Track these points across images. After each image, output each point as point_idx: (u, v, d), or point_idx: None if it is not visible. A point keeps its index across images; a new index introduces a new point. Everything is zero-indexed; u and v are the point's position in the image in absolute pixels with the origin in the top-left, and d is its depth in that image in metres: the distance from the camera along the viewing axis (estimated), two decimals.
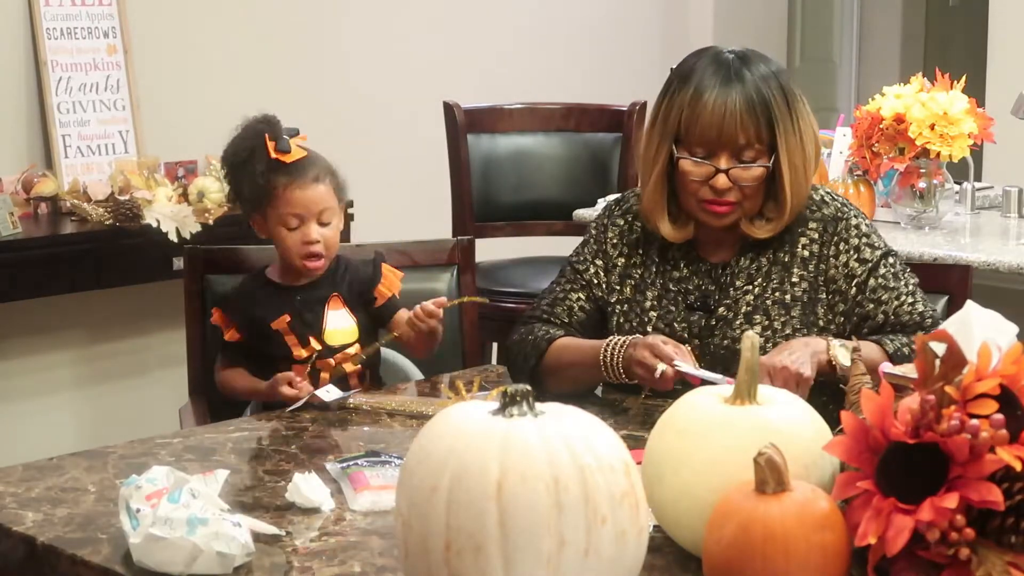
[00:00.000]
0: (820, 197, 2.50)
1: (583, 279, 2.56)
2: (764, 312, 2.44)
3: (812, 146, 2.44)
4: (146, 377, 4.45)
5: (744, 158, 2.39)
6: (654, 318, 2.49)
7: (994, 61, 5.29)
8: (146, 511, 1.76)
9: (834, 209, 2.48)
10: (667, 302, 2.49)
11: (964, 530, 1.53)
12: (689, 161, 2.40)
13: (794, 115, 2.40)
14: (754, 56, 2.43)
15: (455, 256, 3.12)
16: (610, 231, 2.57)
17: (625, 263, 2.54)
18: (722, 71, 2.39)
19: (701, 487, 1.72)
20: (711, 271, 2.49)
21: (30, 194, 4.01)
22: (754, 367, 1.79)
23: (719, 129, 2.36)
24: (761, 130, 2.37)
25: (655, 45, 5.96)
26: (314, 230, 2.73)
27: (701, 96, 2.37)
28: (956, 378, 1.62)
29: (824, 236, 2.47)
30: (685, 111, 2.39)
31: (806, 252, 2.47)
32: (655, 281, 2.51)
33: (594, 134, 4.63)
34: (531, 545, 1.50)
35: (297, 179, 2.72)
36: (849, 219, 2.48)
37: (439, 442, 1.57)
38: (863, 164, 3.88)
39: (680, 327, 2.47)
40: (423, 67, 5.15)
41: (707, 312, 2.46)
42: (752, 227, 2.44)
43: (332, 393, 2.51)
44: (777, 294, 2.45)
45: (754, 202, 2.42)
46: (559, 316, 2.55)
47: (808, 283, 2.45)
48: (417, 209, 4.61)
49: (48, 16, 4.12)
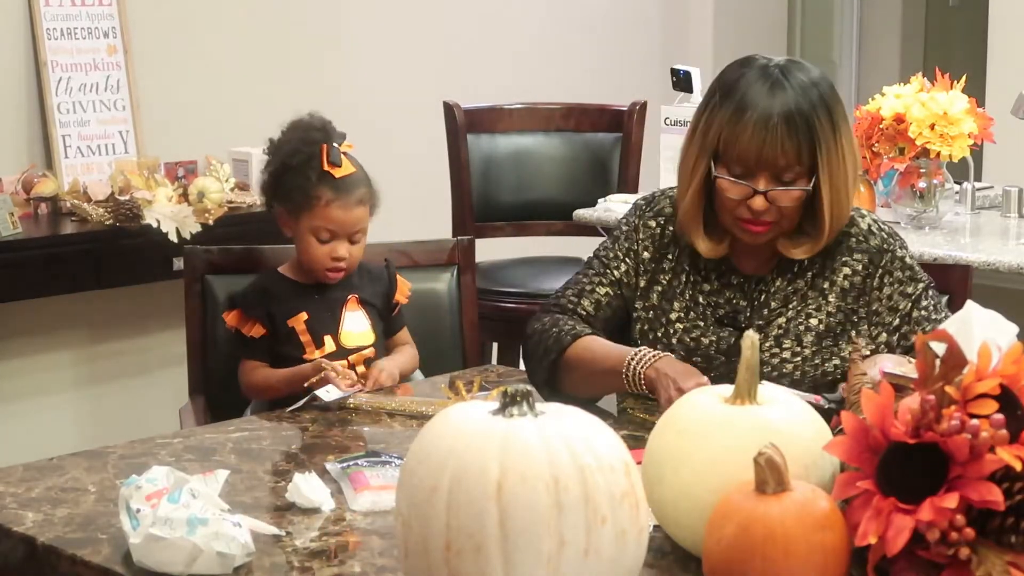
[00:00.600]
0: (867, 227, 2.43)
1: (612, 275, 2.48)
2: (796, 338, 2.39)
3: (853, 165, 2.35)
4: (146, 377, 4.45)
5: (784, 179, 2.31)
6: (679, 330, 2.43)
7: (994, 61, 5.28)
8: (146, 511, 1.76)
9: (880, 240, 2.42)
10: (695, 315, 2.43)
11: (964, 530, 1.53)
12: (727, 181, 2.32)
13: (837, 135, 2.32)
14: (798, 68, 2.34)
15: (455, 256, 3.12)
16: (642, 232, 2.48)
17: (656, 268, 2.47)
18: (765, 88, 2.30)
19: (701, 487, 1.72)
20: (744, 285, 2.42)
21: (30, 194, 4.01)
22: (754, 367, 1.79)
23: (759, 151, 2.28)
24: (802, 152, 2.29)
25: (655, 45, 5.96)
26: (343, 248, 2.75)
27: (742, 115, 2.29)
28: (956, 378, 1.62)
29: (869, 268, 2.41)
30: (725, 130, 2.31)
31: (847, 283, 2.41)
32: (683, 292, 2.44)
33: (594, 134, 4.63)
34: (531, 545, 1.50)
35: (342, 197, 2.74)
36: (895, 251, 2.42)
37: (439, 442, 1.57)
38: (863, 164, 3.88)
39: (707, 342, 2.41)
40: (423, 67, 5.15)
41: (736, 328, 2.39)
42: (789, 247, 2.38)
43: (332, 393, 2.51)
44: (812, 321, 2.39)
45: (792, 221, 2.35)
46: (585, 308, 2.48)
47: (844, 314, 2.40)
48: (417, 209, 4.61)
49: (48, 16, 4.12)
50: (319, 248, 2.75)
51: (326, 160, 2.75)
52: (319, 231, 2.75)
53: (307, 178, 2.74)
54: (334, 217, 2.74)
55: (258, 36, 4.66)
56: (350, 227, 2.76)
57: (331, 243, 2.75)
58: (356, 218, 2.76)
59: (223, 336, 2.96)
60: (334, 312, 2.76)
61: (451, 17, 5.28)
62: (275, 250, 2.99)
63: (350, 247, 2.76)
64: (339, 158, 2.76)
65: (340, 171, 2.75)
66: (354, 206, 2.75)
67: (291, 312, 2.75)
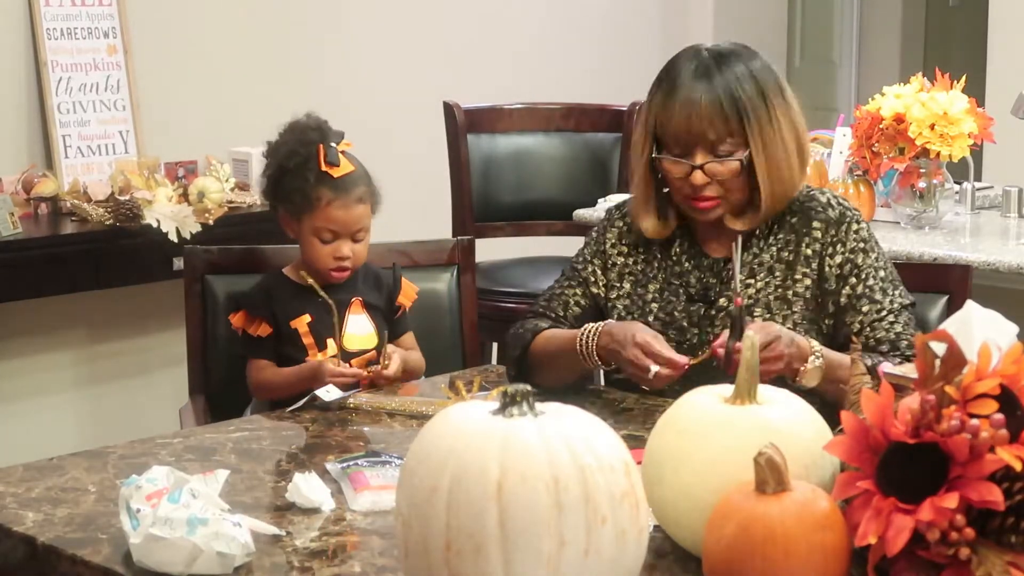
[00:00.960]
0: (827, 199, 2.53)
1: (580, 276, 2.62)
2: (766, 306, 2.47)
3: (793, 137, 2.45)
4: (146, 377, 4.45)
5: (719, 152, 2.42)
6: (655, 309, 2.53)
7: (994, 61, 5.29)
8: (146, 511, 1.76)
9: (839, 212, 2.51)
10: (668, 294, 2.53)
11: (964, 530, 1.53)
12: (667, 160, 2.45)
13: (770, 106, 2.43)
14: (731, 52, 2.46)
15: (455, 256, 3.12)
16: (609, 232, 2.62)
17: (624, 262, 2.59)
18: (693, 70, 2.43)
19: (701, 487, 1.72)
20: (712, 265, 2.53)
21: (30, 194, 4.01)
22: (754, 367, 1.79)
23: (687, 126, 2.41)
24: (731, 124, 2.40)
25: (655, 45, 5.96)
26: (346, 247, 2.75)
27: (671, 96, 2.43)
28: (956, 378, 1.62)
29: (825, 236, 2.49)
30: (659, 112, 2.45)
31: (809, 251, 2.49)
32: (657, 276, 2.55)
33: (594, 134, 4.63)
34: (531, 545, 1.50)
35: (341, 197, 2.75)
36: (851, 223, 2.50)
37: (439, 442, 1.57)
38: (863, 164, 3.88)
39: (680, 315, 2.51)
40: (423, 67, 5.15)
41: (706, 303, 2.50)
42: (732, 220, 2.48)
43: (332, 393, 2.52)
44: (780, 290, 2.48)
45: (738, 195, 2.46)
46: (554, 310, 2.61)
47: (811, 280, 2.48)
48: (417, 209, 4.60)
49: (48, 16, 4.12)
50: (322, 248, 2.75)
51: (323, 160, 2.74)
52: (321, 232, 2.75)
53: (305, 179, 2.74)
54: (335, 217, 2.74)
55: (258, 36, 4.66)
56: (352, 226, 2.76)
57: (334, 243, 2.75)
58: (357, 216, 2.76)
59: (223, 336, 2.96)
60: (337, 315, 2.76)
61: (451, 17, 5.28)
62: (275, 250, 2.99)
63: (353, 246, 2.77)
64: (336, 157, 2.76)
65: (338, 171, 2.75)
66: (354, 204, 2.75)
67: (294, 314, 2.75)
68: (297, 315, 2.75)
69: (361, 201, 2.77)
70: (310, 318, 2.75)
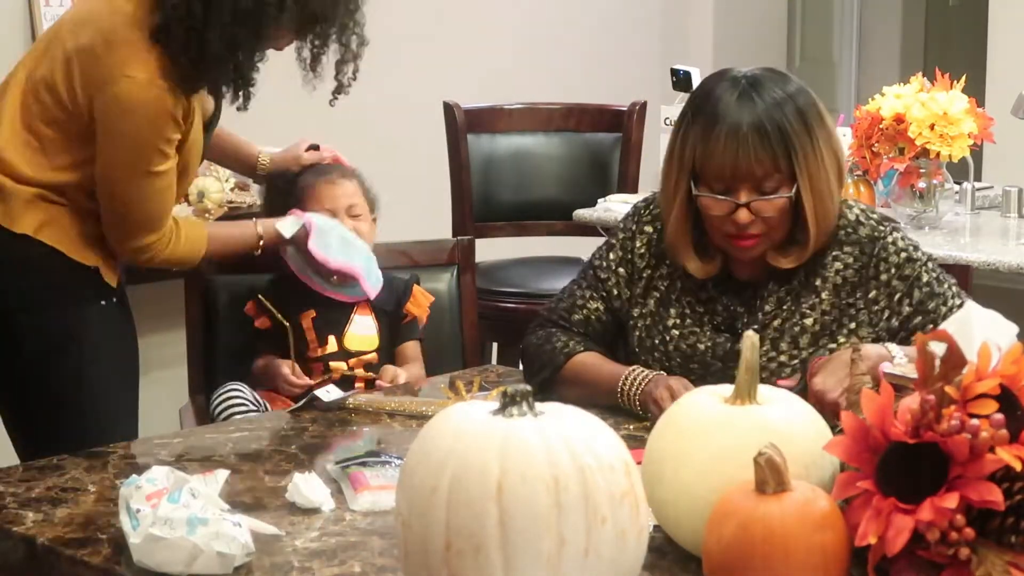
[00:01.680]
0: (856, 217, 2.41)
1: (604, 288, 2.48)
2: (792, 340, 2.37)
3: (835, 167, 2.33)
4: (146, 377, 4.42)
5: (765, 189, 2.29)
6: (676, 337, 2.41)
7: (994, 61, 5.29)
8: (146, 511, 1.76)
9: (870, 229, 2.39)
10: (691, 321, 2.41)
11: (964, 530, 1.53)
12: (708, 198, 2.31)
13: (814, 138, 2.29)
14: (768, 79, 2.32)
15: (455, 256, 3.12)
16: (638, 240, 2.47)
17: (651, 275, 2.45)
18: (733, 101, 2.28)
19: (701, 487, 1.72)
20: (740, 291, 2.41)
21: None
22: (754, 367, 1.79)
23: (734, 164, 2.27)
24: (778, 159, 2.27)
25: (655, 45, 5.96)
26: (345, 222, 2.79)
27: (713, 129, 2.28)
28: (956, 378, 1.62)
29: (861, 259, 2.38)
30: (699, 147, 2.30)
31: (839, 279, 2.38)
32: (680, 298, 2.42)
33: (594, 134, 4.63)
34: (531, 545, 1.50)
35: (324, 176, 2.85)
36: (886, 237, 2.39)
37: (439, 442, 1.57)
38: (863, 164, 3.88)
39: (704, 348, 2.40)
40: (423, 67, 5.15)
41: (733, 334, 2.37)
42: (778, 258, 2.36)
43: (332, 393, 2.52)
44: (806, 321, 2.37)
45: (780, 231, 2.33)
46: (575, 324, 2.48)
47: (839, 310, 2.37)
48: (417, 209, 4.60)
49: (48, 16, 4.11)
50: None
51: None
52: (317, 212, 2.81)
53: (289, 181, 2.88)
54: (322, 194, 2.83)
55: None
56: (343, 199, 2.83)
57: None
58: (345, 191, 2.84)
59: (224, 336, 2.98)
60: (343, 314, 2.79)
61: (451, 17, 5.28)
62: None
63: (353, 223, 2.81)
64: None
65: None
66: (338, 179, 2.86)
67: (301, 308, 2.79)
68: (304, 310, 2.79)
69: (345, 176, 2.86)
70: (315, 314, 2.79)
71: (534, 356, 2.47)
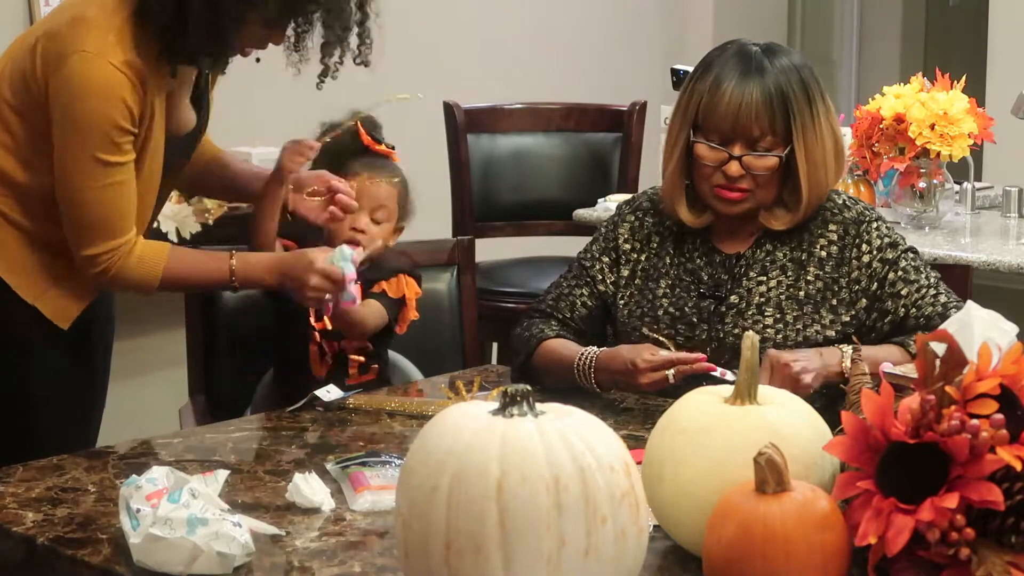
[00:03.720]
0: (842, 201, 2.53)
1: (588, 275, 2.59)
2: (777, 306, 2.47)
3: (832, 143, 2.46)
4: (146, 377, 4.44)
5: (758, 148, 2.42)
6: (665, 304, 2.51)
7: (994, 61, 5.28)
8: (146, 511, 1.76)
9: (856, 213, 2.52)
10: (679, 289, 2.52)
11: (964, 530, 1.53)
12: (704, 146, 2.44)
13: (815, 110, 2.44)
14: (779, 49, 2.47)
15: (455, 256, 3.12)
16: (621, 228, 2.60)
17: (636, 257, 2.58)
18: (743, 62, 2.43)
19: (701, 487, 1.72)
20: (725, 261, 2.52)
21: None
22: (754, 367, 1.79)
23: (734, 118, 2.41)
24: (776, 122, 2.41)
25: (655, 45, 5.96)
26: (363, 220, 2.78)
27: (720, 86, 2.42)
28: (956, 378, 1.62)
29: (846, 239, 2.49)
30: (704, 99, 2.44)
31: (824, 253, 2.49)
32: (668, 271, 2.54)
33: (594, 134, 4.63)
34: (531, 545, 1.50)
35: (371, 170, 2.83)
36: (871, 221, 2.51)
37: (439, 442, 1.57)
38: (863, 164, 3.88)
39: (690, 311, 2.49)
40: (423, 67, 5.14)
41: (716, 299, 2.49)
42: (770, 217, 2.48)
43: (332, 393, 2.52)
44: (791, 289, 2.48)
45: (767, 192, 2.46)
46: (561, 311, 2.59)
47: (823, 283, 2.48)
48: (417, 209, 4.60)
49: None
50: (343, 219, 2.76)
51: (366, 134, 2.81)
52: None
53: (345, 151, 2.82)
54: (357, 188, 2.77)
55: None
56: (373, 200, 2.79)
57: (354, 215, 2.76)
58: (381, 192, 2.81)
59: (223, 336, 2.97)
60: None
61: (451, 17, 5.28)
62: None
63: (370, 223, 2.78)
64: (380, 136, 2.83)
65: (379, 147, 2.84)
66: (382, 181, 2.81)
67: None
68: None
69: (389, 183, 2.81)
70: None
71: (514, 344, 2.59)
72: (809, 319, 2.46)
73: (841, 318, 2.46)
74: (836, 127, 2.49)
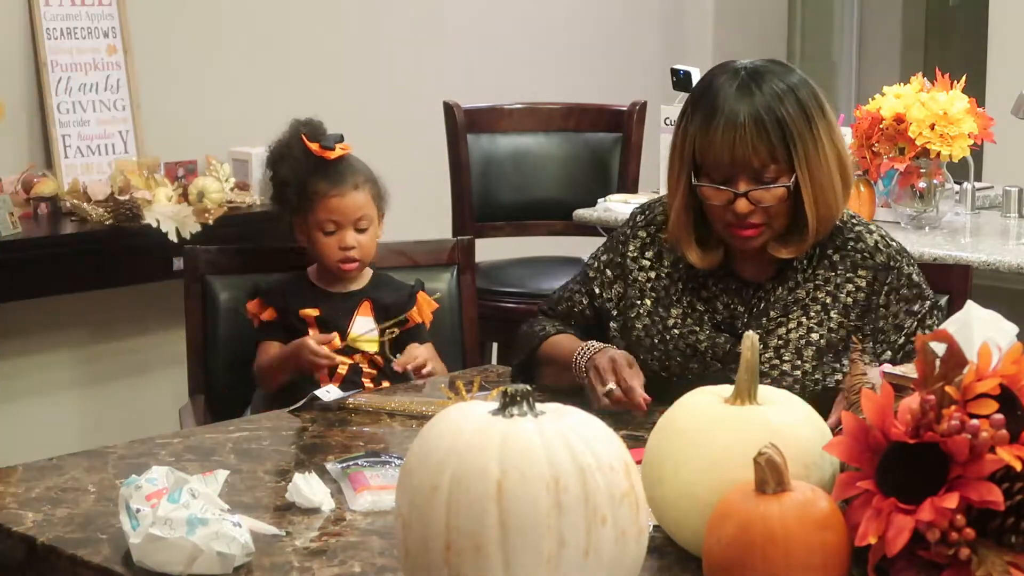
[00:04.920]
0: (874, 243, 2.41)
1: (589, 285, 2.53)
2: (796, 352, 2.37)
3: (836, 157, 2.33)
4: (146, 377, 4.45)
5: (764, 179, 2.30)
6: (676, 336, 2.42)
7: (994, 61, 5.28)
8: (146, 511, 1.76)
9: (886, 257, 2.39)
10: (692, 320, 2.42)
11: (964, 530, 1.53)
12: (708, 188, 2.32)
13: (815, 129, 2.30)
14: (769, 71, 2.33)
15: (455, 256, 3.12)
16: (631, 244, 2.49)
17: (647, 276, 2.47)
18: (731, 92, 2.29)
19: (701, 487, 1.72)
20: (742, 291, 2.41)
21: (30, 194, 4.00)
22: (754, 367, 1.79)
23: (731, 154, 2.28)
24: (776, 150, 2.28)
25: (655, 45, 5.96)
26: (350, 236, 2.80)
27: (710, 122, 2.29)
28: (956, 378, 1.62)
29: (874, 285, 2.38)
30: (698, 138, 2.31)
31: (850, 300, 2.38)
32: (681, 298, 2.43)
33: (594, 134, 4.63)
34: (531, 545, 1.50)
35: (337, 186, 2.81)
36: (901, 268, 2.39)
37: (439, 442, 1.57)
38: (863, 164, 3.88)
39: (704, 346, 2.40)
40: (423, 67, 5.15)
41: (733, 334, 2.37)
42: (777, 247, 2.36)
43: (332, 393, 2.52)
44: (813, 335, 2.37)
45: (781, 221, 2.33)
46: (561, 314, 2.56)
47: (847, 331, 2.37)
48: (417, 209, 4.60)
49: (48, 16, 4.12)
50: (327, 240, 2.81)
51: (316, 146, 2.78)
52: (323, 224, 2.80)
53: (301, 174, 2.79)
54: (333, 206, 2.79)
55: (258, 36, 4.66)
56: (352, 214, 2.80)
57: (337, 233, 2.79)
58: (355, 204, 2.80)
59: (223, 336, 2.97)
60: (346, 314, 2.80)
61: (451, 17, 5.28)
62: (275, 250, 3.00)
63: (358, 236, 2.80)
64: (330, 142, 2.80)
65: (332, 154, 2.79)
66: (350, 192, 2.81)
67: (305, 305, 2.81)
68: (308, 307, 2.83)
69: (357, 189, 2.81)
70: (319, 312, 2.80)
71: (518, 341, 2.56)
72: (829, 368, 2.36)
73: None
74: (840, 145, 2.35)
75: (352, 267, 2.81)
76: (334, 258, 2.80)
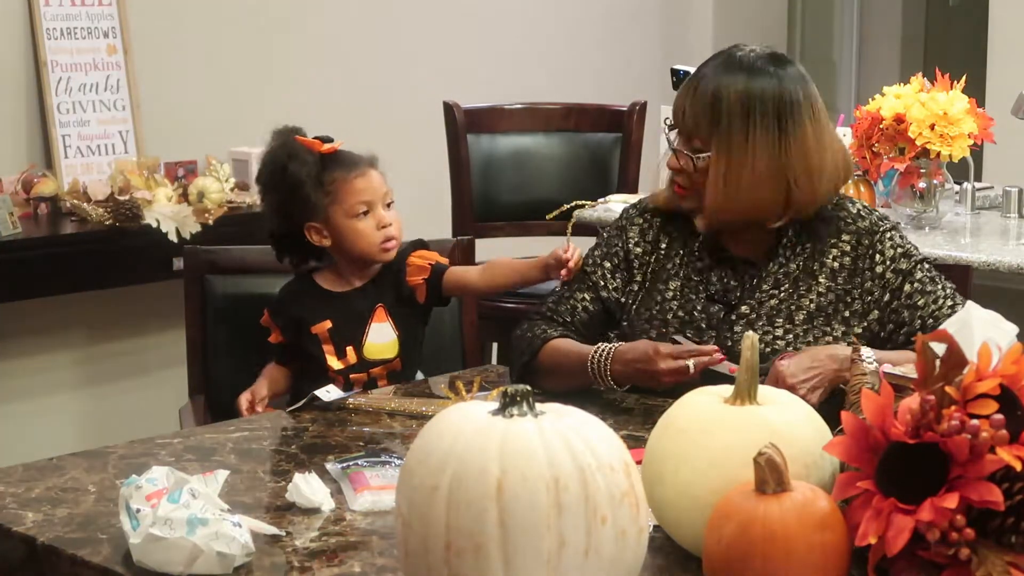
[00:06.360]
0: (857, 210, 2.50)
1: (590, 280, 2.57)
2: (788, 317, 2.43)
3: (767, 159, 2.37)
4: (146, 377, 4.45)
5: (690, 146, 2.43)
6: (675, 307, 2.49)
7: (994, 61, 5.29)
8: (146, 511, 1.76)
9: (869, 223, 2.48)
10: (688, 290, 2.50)
11: (964, 530, 1.53)
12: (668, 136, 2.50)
13: (750, 130, 2.37)
14: (759, 70, 2.42)
15: (455, 256, 3.12)
16: (630, 231, 2.58)
17: (647, 259, 2.55)
18: (713, 63, 2.44)
19: (701, 487, 1.72)
20: (735, 265, 2.49)
21: (30, 194, 4.01)
22: (754, 367, 1.79)
23: (677, 112, 2.45)
24: (701, 123, 2.40)
25: (655, 45, 5.96)
26: (386, 215, 2.72)
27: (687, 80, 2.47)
28: (956, 378, 1.62)
29: (859, 249, 2.46)
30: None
31: (836, 264, 2.46)
32: (678, 272, 2.52)
33: (594, 134, 4.63)
34: (531, 545, 1.50)
35: (353, 169, 2.71)
36: (884, 231, 2.47)
37: (439, 442, 1.57)
38: (863, 164, 3.88)
39: (699, 316, 2.47)
40: (423, 67, 5.15)
41: (726, 305, 2.46)
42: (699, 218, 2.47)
43: (332, 393, 2.52)
44: (803, 301, 2.44)
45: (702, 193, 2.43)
46: (561, 315, 2.56)
47: (835, 295, 2.45)
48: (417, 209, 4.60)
49: (48, 16, 4.12)
50: (363, 225, 2.70)
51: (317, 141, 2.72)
52: (354, 208, 2.69)
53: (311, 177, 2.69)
54: (360, 188, 2.70)
55: (258, 36, 4.66)
56: (380, 188, 2.72)
57: (371, 214, 2.70)
58: (379, 180, 2.74)
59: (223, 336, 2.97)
60: (360, 322, 2.73)
61: (451, 17, 5.28)
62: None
63: (391, 212, 2.74)
64: (324, 136, 2.74)
65: (334, 146, 2.72)
66: (369, 170, 2.73)
67: (316, 319, 2.73)
68: (318, 320, 2.73)
69: (373, 167, 2.74)
70: (330, 324, 2.73)
71: (516, 345, 2.57)
72: (820, 331, 2.42)
73: (853, 330, 2.42)
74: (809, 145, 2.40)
75: (393, 245, 2.73)
76: (376, 240, 2.70)
